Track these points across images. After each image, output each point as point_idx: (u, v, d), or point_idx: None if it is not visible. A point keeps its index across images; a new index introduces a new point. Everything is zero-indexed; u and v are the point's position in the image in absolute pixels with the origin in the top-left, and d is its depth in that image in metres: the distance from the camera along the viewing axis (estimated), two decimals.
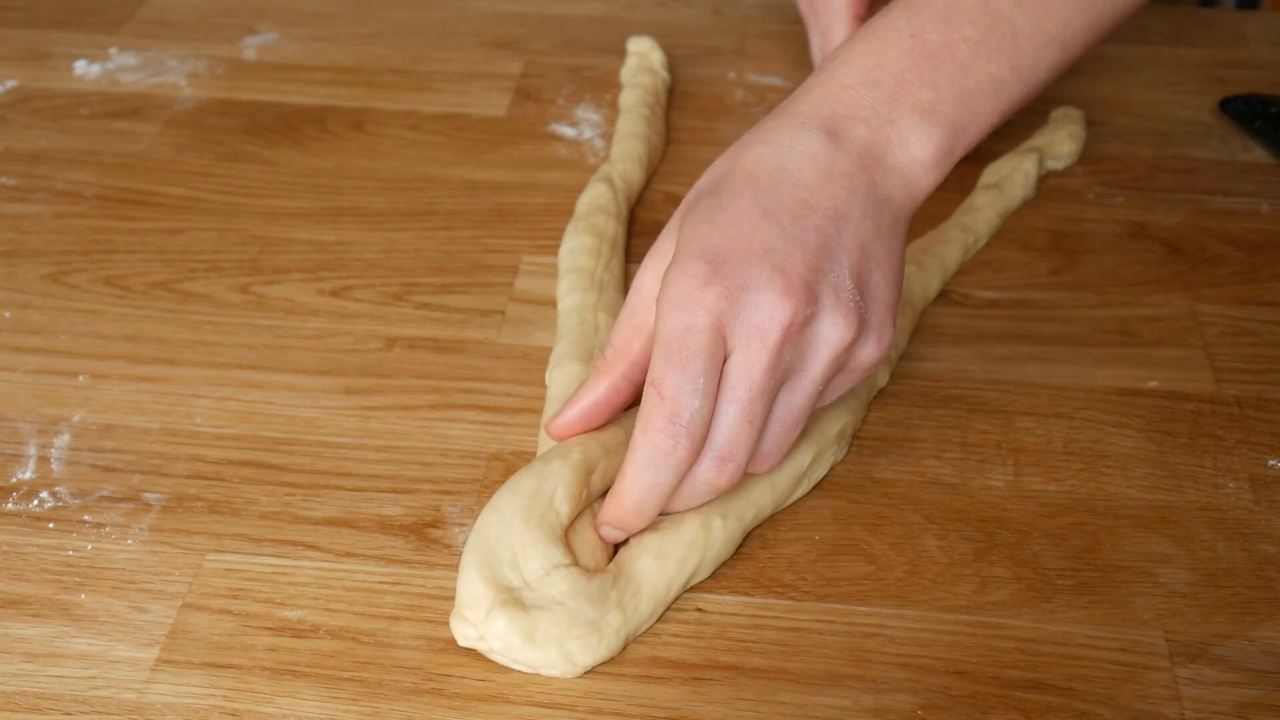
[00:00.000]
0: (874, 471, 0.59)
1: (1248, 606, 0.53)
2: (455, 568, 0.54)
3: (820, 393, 0.52)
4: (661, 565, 0.52)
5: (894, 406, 0.62)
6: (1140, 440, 0.61)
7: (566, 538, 0.52)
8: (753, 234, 0.50)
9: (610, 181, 0.74)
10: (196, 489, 0.58)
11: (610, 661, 0.51)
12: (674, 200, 0.76)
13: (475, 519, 0.56)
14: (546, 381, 0.62)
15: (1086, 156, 0.80)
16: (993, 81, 0.54)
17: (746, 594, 0.54)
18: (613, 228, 0.70)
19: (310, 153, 0.80)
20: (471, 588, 0.50)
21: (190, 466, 0.59)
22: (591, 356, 0.61)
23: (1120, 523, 0.57)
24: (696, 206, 0.52)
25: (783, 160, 0.52)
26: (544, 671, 0.50)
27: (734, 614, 0.53)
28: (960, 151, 0.54)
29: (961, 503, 0.58)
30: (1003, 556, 0.55)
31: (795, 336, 0.50)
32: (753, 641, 0.52)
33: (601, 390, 0.54)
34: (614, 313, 0.64)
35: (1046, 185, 0.77)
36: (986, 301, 0.68)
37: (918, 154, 0.53)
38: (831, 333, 0.51)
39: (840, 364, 0.52)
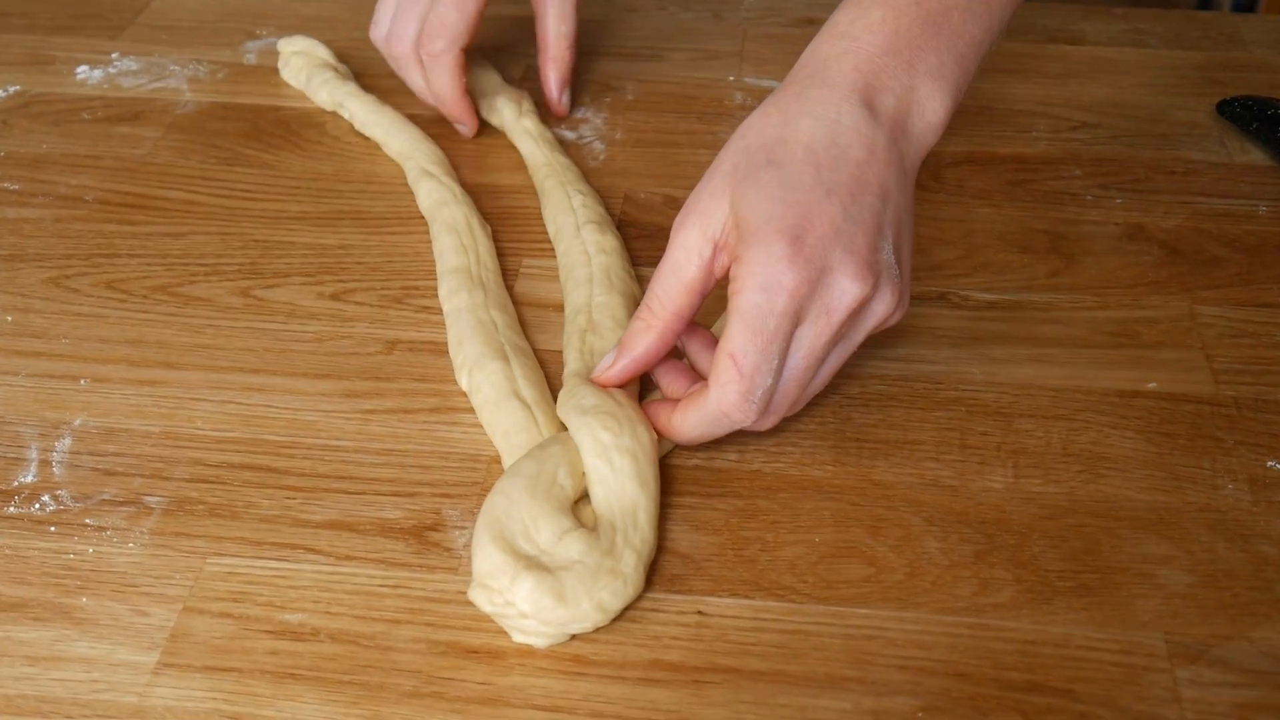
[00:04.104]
0: (874, 473, 0.59)
1: (1247, 608, 0.53)
2: (456, 571, 0.54)
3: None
4: (645, 486, 0.54)
5: (894, 408, 0.62)
6: (1139, 442, 0.60)
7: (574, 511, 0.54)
8: (821, 213, 0.53)
9: (429, 173, 0.75)
10: (197, 492, 0.58)
11: (610, 664, 0.51)
12: (674, 203, 0.76)
13: (476, 521, 0.55)
14: (466, 387, 0.61)
15: (1085, 159, 0.80)
16: (976, 45, 0.58)
17: (746, 596, 0.53)
18: (462, 216, 0.71)
19: (311, 156, 0.80)
20: (490, 558, 0.51)
21: (191, 470, 0.59)
22: (503, 353, 0.62)
23: (1120, 524, 0.56)
24: (758, 178, 0.54)
25: (835, 135, 0.54)
26: (573, 628, 0.51)
27: (734, 617, 0.53)
28: (955, 109, 0.58)
29: (961, 505, 0.57)
30: (1003, 558, 0.55)
31: (857, 314, 0.54)
32: (753, 644, 0.52)
33: (651, 341, 0.57)
34: (503, 309, 0.65)
35: (1044, 188, 0.77)
36: (985, 303, 0.68)
37: (931, 119, 0.57)
38: (880, 308, 0.55)
39: (876, 328, 0.56)
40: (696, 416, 0.55)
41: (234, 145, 0.81)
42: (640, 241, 0.73)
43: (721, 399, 0.54)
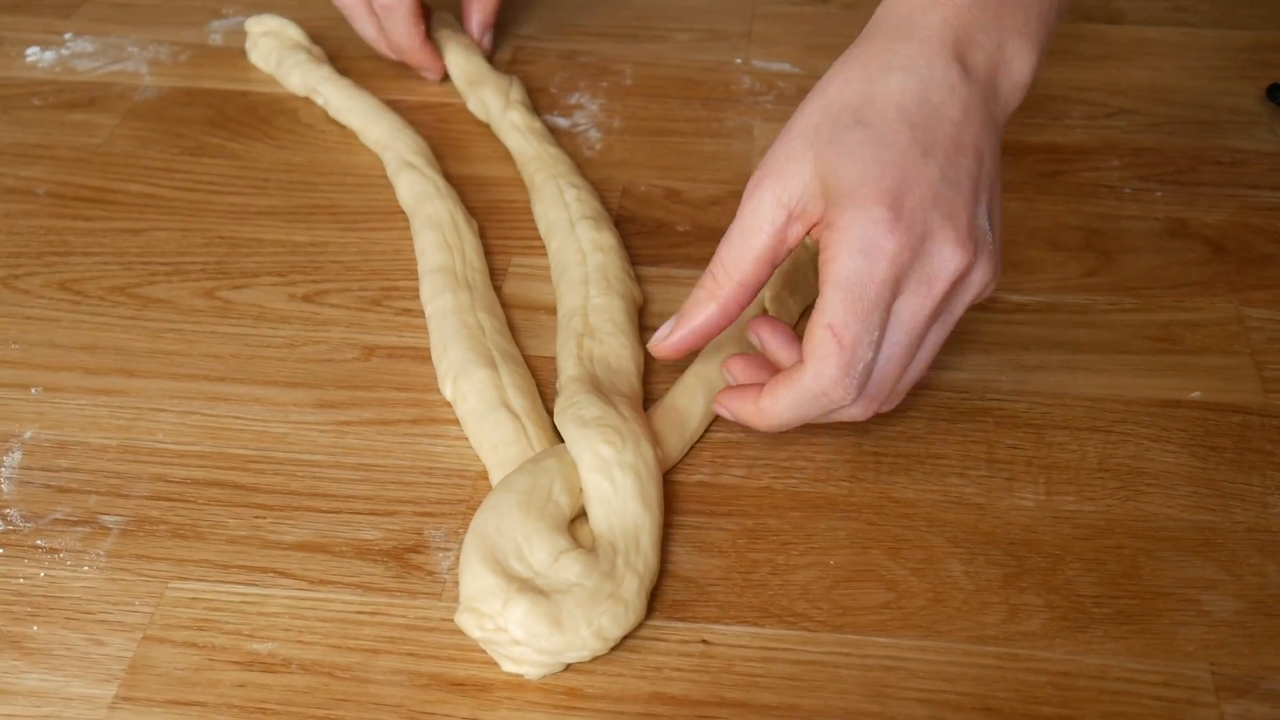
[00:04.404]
0: (893, 491, 0.59)
1: None
2: (439, 596, 0.54)
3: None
4: (648, 507, 0.54)
5: (915, 420, 0.62)
6: (1183, 456, 0.60)
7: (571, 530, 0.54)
8: (919, 175, 0.53)
9: (410, 164, 0.75)
10: (158, 511, 0.57)
11: (607, 698, 0.51)
12: (676, 196, 0.76)
13: (461, 540, 0.55)
14: (450, 396, 0.61)
15: (1123, 148, 0.80)
16: (1056, 2, 0.58)
17: (755, 624, 0.53)
18: (445, 211, 0.71)
19: (281, 146, 0.80)
20: (480, 580, 0.51)
21: (151, 487, 0.59)
22: (490, 359, 0.62)
23: (1161, 546, 0.56)
24: (846, 140, 0.54)
25: (927, 92, 0.55)
26: (569, 657, 0.51)
27: (742, 646, 0.53)
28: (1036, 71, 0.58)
29: (989, 524, 0.57)
30: (1033, 583, 0.55)
31: (958, 284, 0.54)
32: (762, 676, 0.52)
33: (712, 312, 0.57)
34: (491, 312, 0.65)
35: (1079, 180, 0.77)
36: (1015, 305, 0.68)
37: (1018, 78, 0.57)
38: (979, 277, 0.55)
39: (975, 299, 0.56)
40: (790, 397, 0.55)
41: (198, 134, 0.81)
42: (640, 239, 0.73)
43: (820, 374, 0.53)
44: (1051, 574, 0.55)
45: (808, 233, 0.55)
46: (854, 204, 0.53)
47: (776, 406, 0.56)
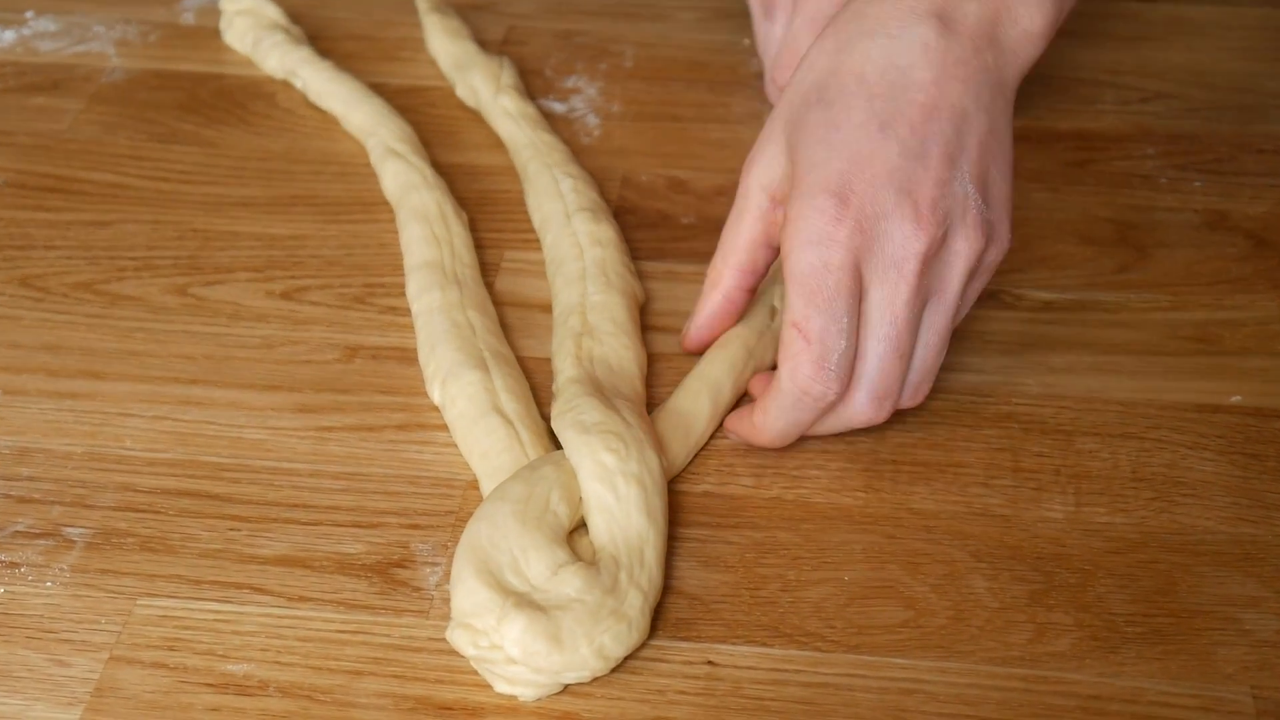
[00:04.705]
0: (912, 501, 0.59)
1: None
2: (427, 614, 0.54)
3: (959, 307, 0.58)
4: (653, 520, 0.55)
5: (936, 426, 0.62)
6: (1222, 464, 0.61)
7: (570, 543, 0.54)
8: (873, 153, 0.55)
9: (395, 152, 0.75)
10: (126, 523, 0.58)
11: None
12: (678, 185, 0.76)
13: (450, 556, 0.56)
14: (438, 400, 0.62)
15: (1158, 135, 0.80)
16: None
17: (765, 644, 0.54)
18: (433, 202, 0.71)
19: (258, 132, 0.80)
20: (474, 594, 0.51)
21: (119, 497, 0.59)
22: (481, 360, 0.62)
23: (1199, 560, 0.57)
24: (806, 120, 0.57)
25: (894, 56, 0.56)
26: (568, 677, 0.51)
27: (750, 668, 0.53)
28: (1063, 19, 0.58)
29: (1014, 538, 0.58)
30: (1062, 600, 0.55)
31: (932, 261, 0.55)
32: (771, 699, 0.52)
33: (717, 300, 0.61)
34: (482, 310, 0.66)
35: (1111, 169, 0.77)
36: (1042, 303, 0.69)
37: (1027, 25, 0.57)
38: (964, 246, 0.56)
39: (973, 274, 0.57)
40: (776, 406, 0.57)
41: (169, 119, 0.81)
42: (641, 231, 0.73)
43: (795, 373, 0.56)
44: (1081, 591, 0.56)
45: None
46: (801, 194, 0.56)
47: (766, 419, 0.58)
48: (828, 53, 0.57)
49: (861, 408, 0.57)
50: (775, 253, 0.59)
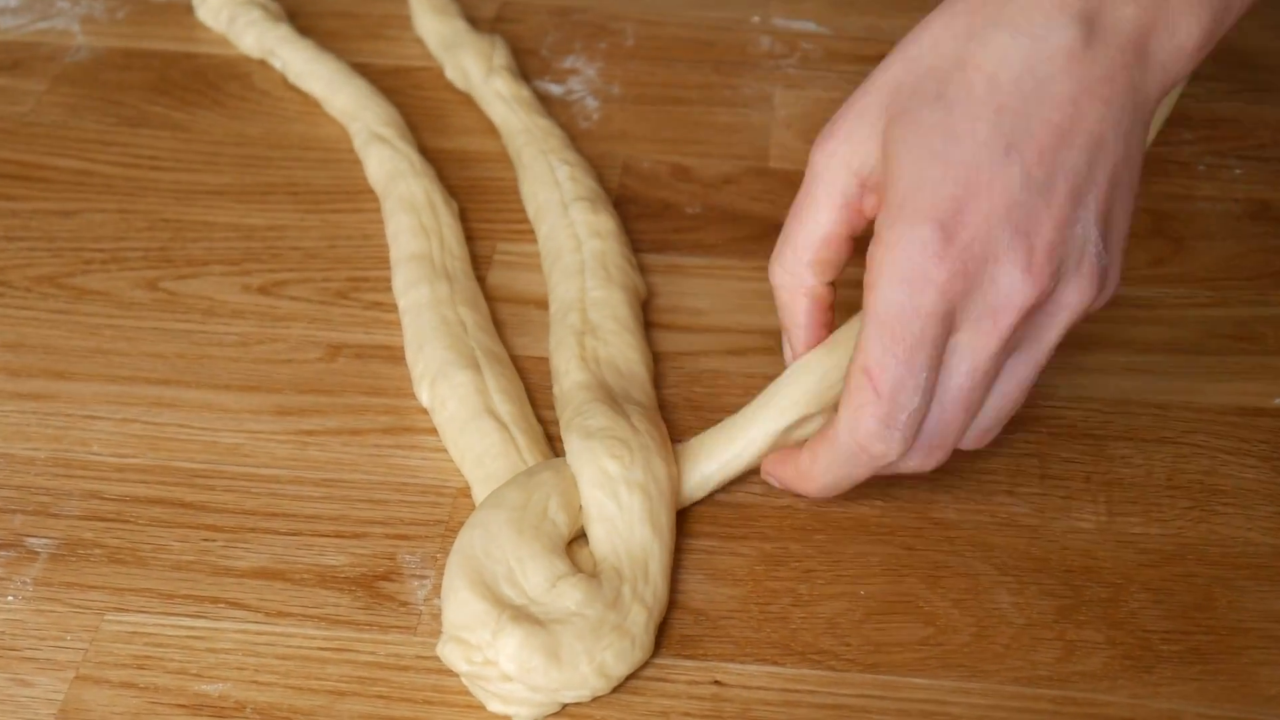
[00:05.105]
0: (933, 510, 0.59)
1: None
2: (414, 630, 0.54)
3: (1048, 358, 0.54)
4: (658, 532, 0.55)
5: None
6: (1264, 471, 0.61)
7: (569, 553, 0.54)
8: (993, 180, 0.50)
9: (380, 137, 0.75)
10: (93, 533, 0.58)
11: None
12: (681, 172, 0.76)
13: (439, 568, 0.56)
14: (426, 402, 0.62)
15: (1197, 119, 0.80)
16: None
17: (775, 663, 0.54)
18: (421, 190, 0.71)
19: (234, 116, 0.80)
20: (467, 606, 0.51)
21: (85, 505, 0.59)
22: (473, 359, 0.62)
23: (1239, 574, 0.57)
24: (919, 118, 0.52)
25: (1031, 62, 0.51)
26: (567, 696, 0.51)
27: (760, 688, 0.53)
28: (1219, 37, 0.54)
29: (1041, 549, 0.58)
30: (1093, 616, 0.55)
31: (1034, 312, 0.52)
32: None
33: (806, 307, 0.57)
34: (473, 306, 0.66)
35: (1146, 155, 0.77)
36: None
37: (1183, 40, 0.52)
38: (1074, 299, 0.52)
39: (1074, 324, 0.53)
40: (829, 456, 0.54)
41: (138, 101, 0.81)
42: (643, 222, 0.73)
43: (856, 427, 0.52)
44: (1113, 606, 0.56)
45: None
46: (903, 218, 0.51)
47: (815, 468, 0.55)
48: (955, 35, 0.52)
49: (913, 459, 0.54)
50: (855, 246, 0.55)
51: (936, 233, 0.50)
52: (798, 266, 0.56)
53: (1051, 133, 0.51)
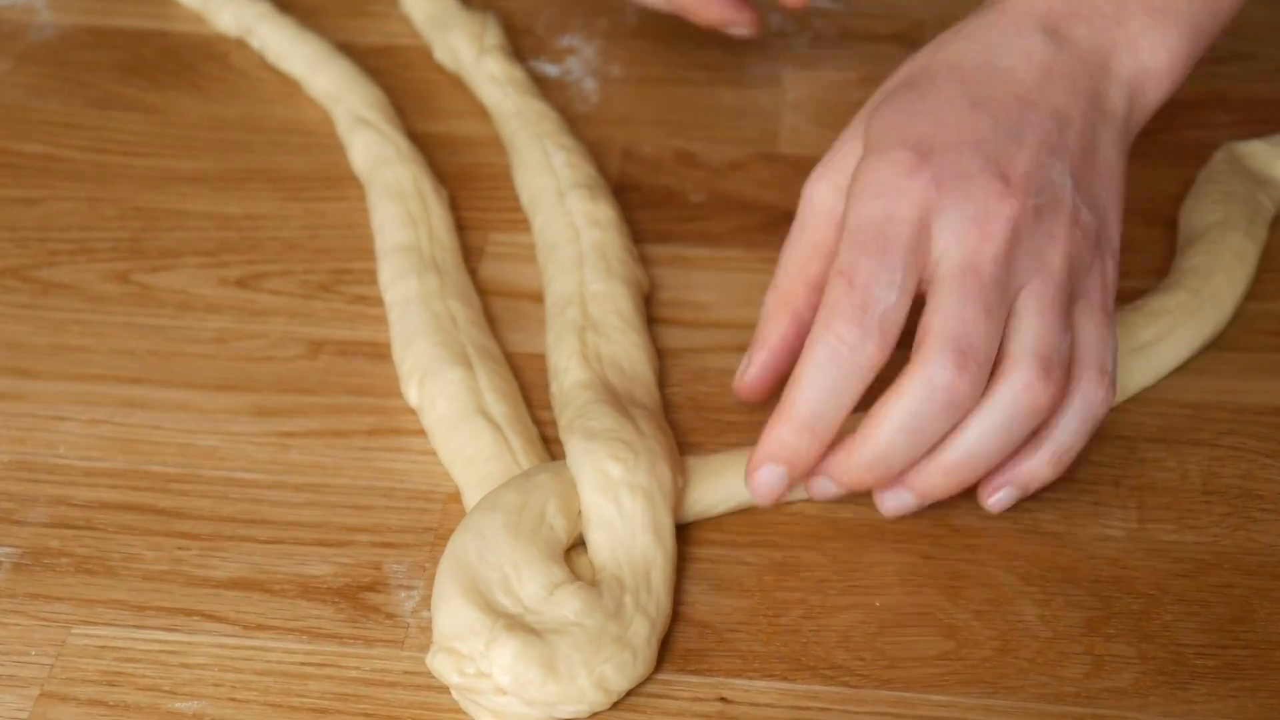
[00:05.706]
0: (952, 517, 0.59)
1: None
2: (401, 644, 0.54)
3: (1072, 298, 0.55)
4: (662, 539, 0.55)
5: None
6: None
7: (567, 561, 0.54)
8: (959, 122, 0.55)
9: (365, 121, 0.75)
10: (60, 541, 0.58)
11: None
12: (686, 157, 0.76)
13: (428, 578, 0.56)
14: (414, 401, 0.62)
15: (1234, 101, 0.80)
16: None
17: (785, 679, 0.54)
18: (408, 177, 0.71)
19: (210, 98, 0.80)
20: (459, 615, 0.51)
21: (51, 512, 0.59)
22: (464, 356, 0.62)
23: (1279, 585, 0.57)
24: (890, 100, 0.57)
25: (992, 55, 0.56)
26: (564, 711, 0.51)
27: (769, 705, 0.53)
28: (1196, 57, 0.58)
29: (1068, 558, 0.58)
30: (1123, 629, 0.55)
31: (1021, 236, 0.53)
32: None
33: (785, 324, 0.59)
34: (464, 300, 0.66)
35: (1180, 139, 0.77)
36: None
37: (1149, 61, 0.57)
38: (1061, 231, 0.54)
39: (1075, 265, 0.55)
40: (808, 366, 0.53)
41: (107, 83, 0.81)
42: (644, 211, 0.73)
43: (828, 320, 0.53)
44: (1145, 618, 0.56)
45: None
46: (873, 152, 0.55)
47: (796, 393, 0.54)
48: (923, 55, 0.58)
49: (1041, 391, 0.53)
50: None
51: (909, 154, 0.54)
52: (790, 284, 0.59)
53: (1014, 99, 0.55)
